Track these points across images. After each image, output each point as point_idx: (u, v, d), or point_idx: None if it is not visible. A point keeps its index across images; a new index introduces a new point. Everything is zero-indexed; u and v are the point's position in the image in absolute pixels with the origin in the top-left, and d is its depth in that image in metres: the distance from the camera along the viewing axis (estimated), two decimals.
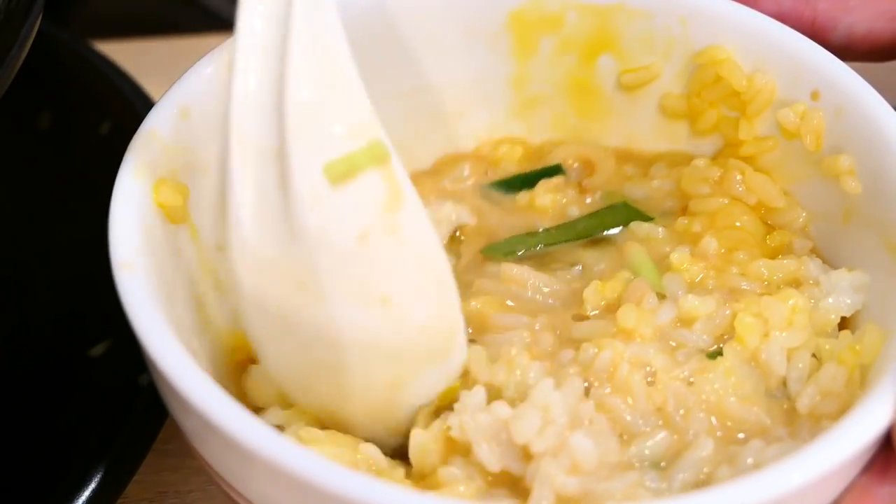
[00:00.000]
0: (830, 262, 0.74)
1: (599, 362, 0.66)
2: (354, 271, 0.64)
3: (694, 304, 0.68)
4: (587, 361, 0.66)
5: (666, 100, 0.78)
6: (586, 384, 0.66)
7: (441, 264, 0.66)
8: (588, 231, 0.75)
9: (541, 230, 0.76)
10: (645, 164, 0.79)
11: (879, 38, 0.76)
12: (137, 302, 0.62)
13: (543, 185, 0.77)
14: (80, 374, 0.80)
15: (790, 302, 0.68)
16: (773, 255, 0.73)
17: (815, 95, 0.73)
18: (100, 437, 0.75)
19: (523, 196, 0.77)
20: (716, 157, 0.77)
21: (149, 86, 0.89)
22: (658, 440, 0.65)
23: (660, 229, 0.74)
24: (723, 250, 0.72)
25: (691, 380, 0.66)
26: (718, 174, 0.75)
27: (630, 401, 0.65)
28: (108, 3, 1.19)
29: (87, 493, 0.73)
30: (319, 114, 0.63)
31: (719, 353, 0.67)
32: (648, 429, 0.65)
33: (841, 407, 0.66)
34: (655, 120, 0.79)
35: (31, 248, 0.87)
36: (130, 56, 0.95)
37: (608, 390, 0.65)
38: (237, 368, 0.71)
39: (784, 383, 0.68)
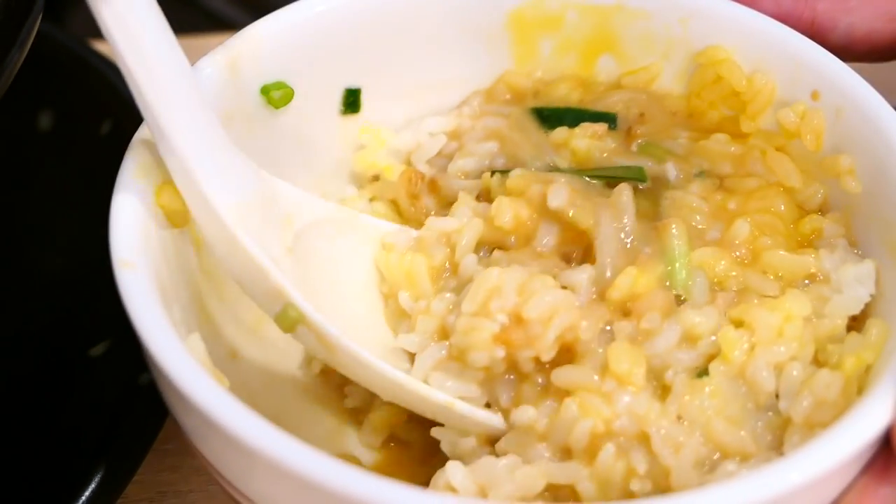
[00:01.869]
0: None
1: (579, 431, 0.64)
2: None
3: (695, 320, 0.66)
4: (567, 422, 0.64)
5: (666, 100, 0.78)
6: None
7: None
8: (596, 175, 0.73)
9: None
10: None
11: (879, 39, 0.76)
12: (138, 301, 0.62)
13: (587, 127, 0.75)
14: (80, 374, 0.80)
15: (786, 305, 0.67)
16: (803, 242, 0.72)
17: (815, 95, 0.73)
18: (100, 437, 0.75)
19: (559, 133, 0.75)
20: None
21: None
22: None
23: (703, 204, 0.72)
24: (756, 232, 0.70)
25: (679, 415, 0.65)
26: (739, 151, 0.74)
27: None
28: None
29: (87, 493, 0.73)
30: None
31: (706, 372, 0.66)
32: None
33: (836, 416, 0.64)
34: None
35: (32, 248, 0.87)
36: None
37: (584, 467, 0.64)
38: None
39: (777, 396, 0.66)
